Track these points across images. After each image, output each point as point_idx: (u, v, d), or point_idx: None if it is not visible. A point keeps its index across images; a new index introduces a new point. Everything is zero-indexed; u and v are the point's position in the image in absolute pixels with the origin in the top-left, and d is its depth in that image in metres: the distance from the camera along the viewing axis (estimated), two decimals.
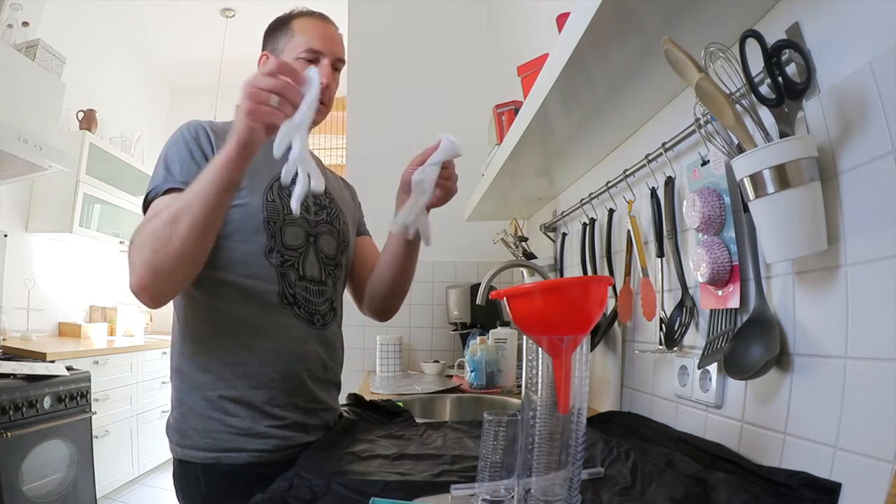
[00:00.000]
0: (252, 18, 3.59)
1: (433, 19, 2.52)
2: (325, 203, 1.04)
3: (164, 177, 0.88)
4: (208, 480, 0.87)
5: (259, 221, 0.93)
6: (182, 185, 0.85)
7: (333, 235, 1.05)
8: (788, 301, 0.67)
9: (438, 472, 0.75)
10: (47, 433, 2.26)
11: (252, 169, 0.89)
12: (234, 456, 0.87)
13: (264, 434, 0.89)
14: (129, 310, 3.67)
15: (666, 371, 0.97)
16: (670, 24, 0.70)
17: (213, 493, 0.87)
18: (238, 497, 0.83)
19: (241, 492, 0.83)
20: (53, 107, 2.84)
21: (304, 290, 0.97)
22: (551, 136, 1.14)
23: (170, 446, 0.93)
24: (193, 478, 0.88)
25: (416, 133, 2.43)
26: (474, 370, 1.64)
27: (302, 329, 0.96)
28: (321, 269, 1.01)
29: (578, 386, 0.56)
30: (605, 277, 0.68)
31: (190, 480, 0.89)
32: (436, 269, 2.36)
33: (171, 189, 0.86)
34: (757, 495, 0.58)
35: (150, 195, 0.87)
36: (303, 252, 0.98)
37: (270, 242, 0.93)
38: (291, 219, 0.96)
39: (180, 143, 0.91)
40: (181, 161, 0.89)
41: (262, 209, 0.93)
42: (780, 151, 0.57)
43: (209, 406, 0.89)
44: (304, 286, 0.97)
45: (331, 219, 1.05)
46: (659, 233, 0.97)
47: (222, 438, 0.88)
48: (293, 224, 0.97)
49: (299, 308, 0.97)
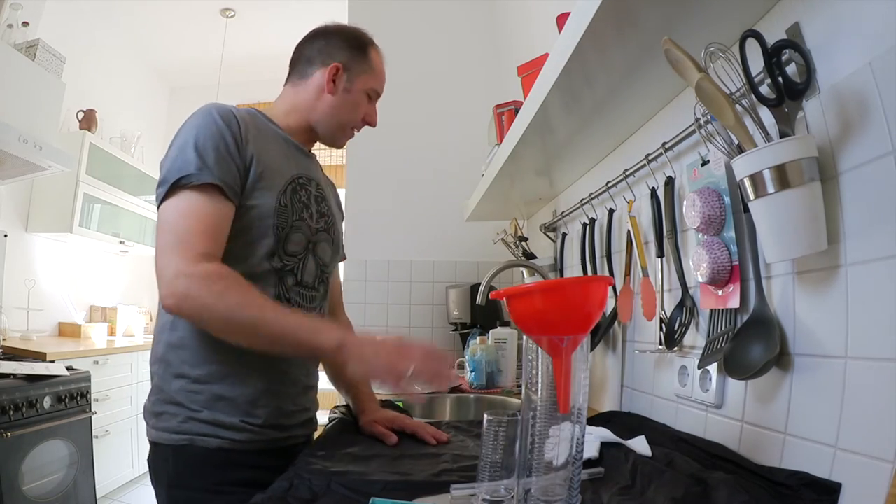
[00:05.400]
0: (252, 18, 3.59)
1: (433, 19, 2.52)
2: (324, 211, 1.05)
3: (199, 165, 0.84)
4: (178, 461, 0.87)
5: (268, 224, 0.92)
6: (220, 184, 0.84)
7: (329, 244, 1.05)
8: (788, 301, 0.67)
9: (438, 472, 0.75)
10: (47, 433, 2.25)
11: (270, 169, 0.93)
12: (206, 440, 0.87)
13: (240, 428, 0.88)
14: (129, 310, 3.67)
15: (666, 371, 0.97)
16: (670, 24, 0.70)
17: (182, 474, 0.87)
18: (206, 478, 0.86)
19: (209, 474, 0.86)
20: (53, 107, 2.83)
21: (297, 296, 0.97)
22: (551, 136, 1.14)
23: (146, 430, 0.92)
24: (163, 459, 0.88)
25: (416, 133, 2.45)
26: (474, 370, 1.64)
27: None
28: (316, 275, 1.01)
29: (578, 386, 0.56)
30: (605, 277, 0.68)
31: (160, 463, 0.89)
32: (436, 269, 2.36)
33: (208, 184, 0.84)
34: (757, 495, 0.58)
35: (183, 180, 0.83)
36: (302, 258, 0.98)
37: (274, 246, 0.93)
38: (297, 225, 0.96)
39: (213, 130, 0.87)
40: (217, 153, 0.86)
41: (274, 213, 0.93)
42: (780, 151, 0.57)
43: (190, 397, 0.88)
44: (298, 291, 0.97)
45: (328, 226, 1.05)
46: (659, 233, 0.97)
47: (196, 425, 0.87)
48: (298, 230, 0.96)
49: None
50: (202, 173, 0.83)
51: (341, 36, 1.05)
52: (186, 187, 0.83)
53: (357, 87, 1.03)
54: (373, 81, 1.05)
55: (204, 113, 0.89)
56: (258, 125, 0.96)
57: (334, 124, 1.04)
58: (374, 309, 2.35)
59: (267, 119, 1.01)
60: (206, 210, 0.84)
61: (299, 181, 0.99)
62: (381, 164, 2.42)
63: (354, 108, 1.04)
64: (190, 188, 0.83)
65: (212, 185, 0.84)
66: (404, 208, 2.40)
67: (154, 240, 0.87)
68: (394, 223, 2.39)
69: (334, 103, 1.02)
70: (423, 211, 2.39)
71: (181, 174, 0.83)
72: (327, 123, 1.04)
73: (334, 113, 1.03)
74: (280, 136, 1.01)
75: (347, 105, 1.03)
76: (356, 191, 2.42)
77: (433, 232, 2.38)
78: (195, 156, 0.84)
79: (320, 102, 1.02)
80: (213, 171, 0.84)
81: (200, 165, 0.84)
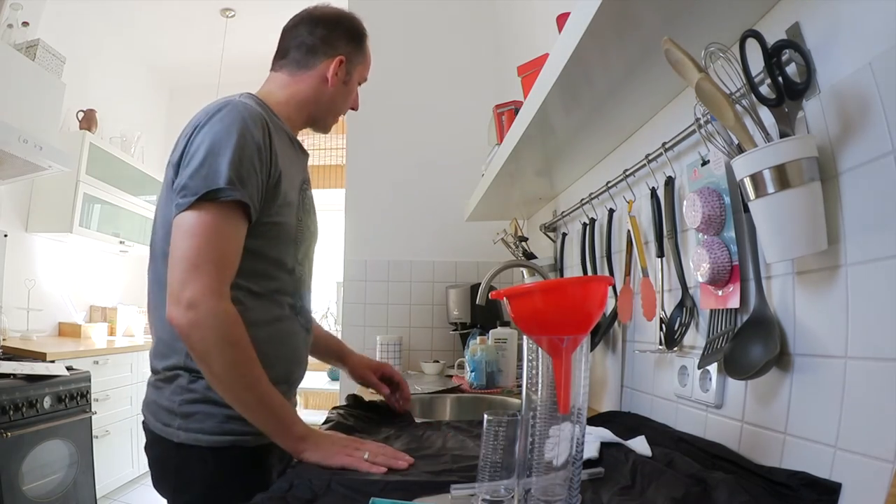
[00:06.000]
0: (252, 18, 3.59)
1: (433, 19, 2.52)
2: (313, 208, 1.07)
3: (230, 179, 0.81)
4: (219, 462, 0.86)
5: (290, 240, 0.96)
6: (248, 202, 0.83)
7: (316, 243, 1.09)
8: (788, 301, 0.67)
9: (438, 472, 0.75)
10: (47, 433, 2.25)
11: (289, 184, 0.95)
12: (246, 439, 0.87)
13: None
14: (128, 310, 3.67)
15: (666, 371, 0.97)
16: (670, 24, 0.70)
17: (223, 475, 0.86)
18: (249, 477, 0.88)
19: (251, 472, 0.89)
20: (53, 107, 2.83)
21: (307, 301, 1.04)
22: (551, 136, 1.14)
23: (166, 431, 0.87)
24: (197, 461, 0.86)
25: (416, 133, 2.45)
26: (474, 370, 1.64)
27: (301, 336, 1.02)
28: (312, 272, 1.07)
29: (578, 386, 0.56)
30: (605, 277, 0.68)
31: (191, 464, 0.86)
32: (436, 269, 2.36)
33: (236, 202, 0.82)
34: (757, 495, 0.58)
35: (210, 195, 0.80)
36: (308, 263, 1.05)
37: (293, 259, 0.97)
38: (306, 234, 1.01)
39: (249, 144, 0.85)
40: (249, 170, 0.84)
41: (294, 229, 0.97)
42: (780, 151, 0.57)
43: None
44: (306, 296, 1.04)
45: (316, 227, 1.08)
46: (659, 233, 0.97)
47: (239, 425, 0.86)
48: (306, 240, 1.02)
49: (301, 317, 1.02)
50: (233, 190, 0.81)
51: (343, 26, 1.05)
52: (214, 202, 0.81)
53: (353, 78, 1.08)
54: (365, 71, 1.10)
55: (237, 119, 0.85)
56: (276, 128, 0.94)
57: (331, 113, 1.08)
58: (374, 309, 2.35)
59: (271, 111, 0.98)
60: (230, 234, 0.83)
61: (303, 187, 1.03)
62: (381, 164, 2.42)
63: (348, 97, 1.09)
64: (218, 203, 0.81)
65: (240, 203, 0.83)
66: (404, 208, 2.40)
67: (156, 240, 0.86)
68: (394, 223, 2.39)
69: (334, 94, 1.04)
70: (423, 211, 2.38)
71: (210, 187, 0.80)
72: (325, 113, 1.07)
73: (333, 103, 1.06)
74: (287, 135, 1.00)
75: (343, 95, 1.07)
76: (356, 191, 2.42)
77: (433, 232, 2.37)
78: (228, 169, 0.81)
79: (322, 93, 1.03)
80: (248, 190, 0.83)
81: (231, 180, 0.81)
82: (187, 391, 0.87)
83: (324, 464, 0.79)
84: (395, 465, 0.78)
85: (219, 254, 0.81)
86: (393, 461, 0.79)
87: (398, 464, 0.78)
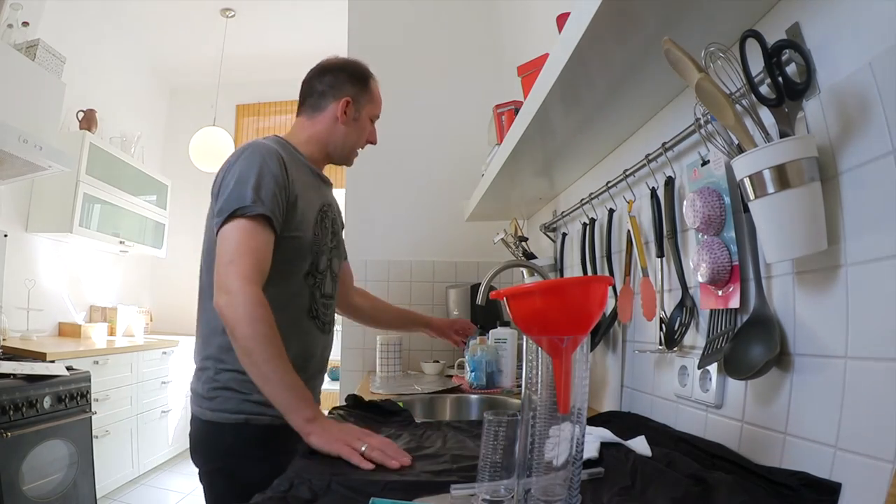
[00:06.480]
0: (252, 18, 3.59)
1: (433, 19, 2.52)
2: (336, 230, 1.24)
3: (254, 199, 1.01)
4: (238, 436, 1.04)
5: (307, 252, 1.13)
6: (270, 215, 1.02)
7: (339, 257, 1.27)
8: (788, 301, 0.67)
9: (438, 472, 0.75)
10: (47, 433, 2.25)
11: (306, 205, 1.13)
12: (259, 418, 1.05)
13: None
14: (128, 310, 3.67)
15: (666, 371, 0.97)
16: (670, 24, 0.70)
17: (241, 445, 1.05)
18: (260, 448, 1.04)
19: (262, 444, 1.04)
20: (53, 107, 2.83)
21: (322, 306, 1.19)
22: (551, 136, 1.14)
23: (197, 411, 1.09)
24: (218, 433, 1.05)
25: (416, 133, 2.45)
26: (474, 370, 1.64)
27: (317, 336, 1.17)
28: (333, 286, 1.23)
29: (578, 386, 0.56)
30: (605, 277, 0.68)
31: (217, 436, 1.06)
32: (436, 269, 2.36)
33: (260, 215, 1.01)
34: (757, 495, 0.58)
35: (239, 211, 1.00)
36: (325, 273, 1.19)
37: (310, 268, 1.15)
38: (324, 249, 1.17)
39: (267, 173, 1.04)
40: (268, 191, 1.03)
41: (311, 244, 1.14)
42: (780, 151, 0.57)
43: (242, 384, 1.04)
44: (322, 302, 1.19)
45: (339, 243, 1.26)
46: (659, 233, 0.97)
47: (251, 406, 1.04)
48: (324, 253, 1.18)
49: (318, 320, 1.18)
50: (256, 206, 1.01)
51: (347, 71, 1.23)
52: (243, 216, 1.00)
53: (363, 116, 1.24)
54: (375, 109, 1.27)
55: (258, 155, 1.06)
56: (292, 159, 1.13)
57: (347, 148, 1.25)
58: None
59: (293, 149, 1.17)
60: (258, 236, 1.01)
61: (323, 209, 1.20)
62: (381, 164, 2.42)
63: (362, 133, 1.26)
64: (246, 217, 1.00)
65: (263, 216, 1.01)
66: (404, 208, 2.40)
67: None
68: (394, 223, 2.39)
69: (346, 131, 1.22)
70: (423, 211, 2.38)
71: (239, 205, 1.01)
72: (342, 148, 1.24)
73: (347, 139, 1.23)
74: (306, 166, 1.19)
75: (356, 131, 1.24)
76: (356, 191, 2.42)
77: (433, 232, 2.37)
78: (251, 191, 1.01)
79: (335, 131, 1.22)
80: (267, 205, 1.02)
81: (255, 199, 1.01)
82: (213, 381, 1.08)
83: (323, 449, 0.85)
84: (388, 463, 0.79)
85: (249, 250, 0.99)
86: (386, 459, 0.79)
87: (390, 463, 0.79)
